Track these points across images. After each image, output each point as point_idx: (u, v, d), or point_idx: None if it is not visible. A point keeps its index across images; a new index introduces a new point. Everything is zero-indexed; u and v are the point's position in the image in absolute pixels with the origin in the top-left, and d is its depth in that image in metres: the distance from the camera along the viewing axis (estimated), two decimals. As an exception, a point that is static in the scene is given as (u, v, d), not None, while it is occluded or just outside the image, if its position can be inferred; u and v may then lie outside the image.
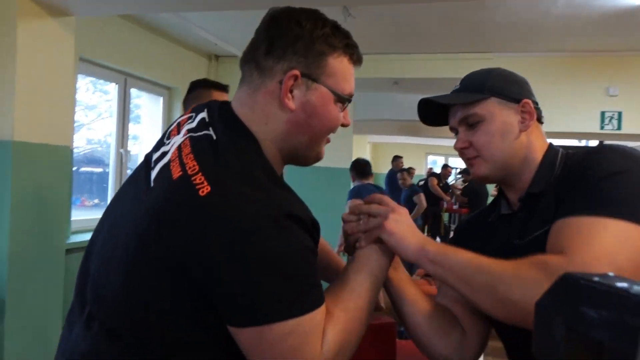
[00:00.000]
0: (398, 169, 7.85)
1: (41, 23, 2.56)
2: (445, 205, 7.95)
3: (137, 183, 0.85)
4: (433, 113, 1.06)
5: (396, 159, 8.15)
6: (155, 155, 0.86)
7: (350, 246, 0.97)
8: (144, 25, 4.08)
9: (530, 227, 0.92)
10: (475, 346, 1.00)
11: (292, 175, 5.09)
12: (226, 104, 0.89)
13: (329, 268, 1.16)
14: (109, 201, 3.56)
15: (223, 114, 0.86)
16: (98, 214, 4.35)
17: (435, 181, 7.86)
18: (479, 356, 1.02)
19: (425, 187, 7.47)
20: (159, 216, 0.74)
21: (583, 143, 6.52)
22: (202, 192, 0.71)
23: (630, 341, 0.33)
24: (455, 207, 8.02)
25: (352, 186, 4.39)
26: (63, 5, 2.58)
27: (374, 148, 13.24)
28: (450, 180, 9.47)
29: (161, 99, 4.59)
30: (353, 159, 4.62)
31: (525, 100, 0.98)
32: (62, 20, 2.68)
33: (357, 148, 11.23)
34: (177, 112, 4.67)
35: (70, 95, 2.82)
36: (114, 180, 4.09)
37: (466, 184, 7.75)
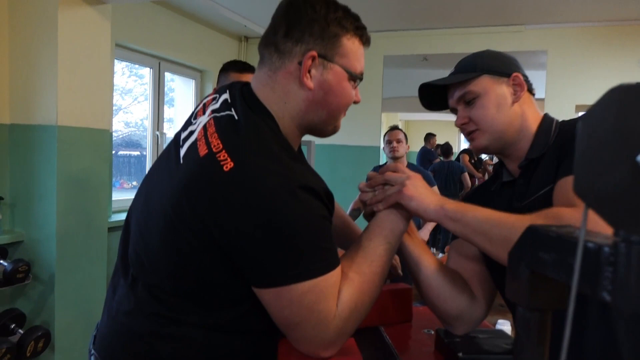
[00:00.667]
0: (431, 147, 7.81)
1: (79, 11, 2.69)
2: (477, 182, 7.89)
3: (168, 160, 0.94)
4: (434, 98, 1.13)
5: (429, 136, 8.11)
6: (184, 134, 0.95)
7: (368, 214, 1.05)
8: (175, 9, 4.19)
9: (531, 189, 0.99)
10: (483, 306, 1.07)
11: (324, 153, 5.19)
12: (247, 85, 0.97)
13: (346, 235, 1.24)
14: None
15: (244, 95, 0.93)
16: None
17: (467, 158, 7.79)
18: (485, 315, 1.09)
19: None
20: (189, 190, 0.82)
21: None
22: (226, 167, 0.79)
23: (571, 276, 0.40)
24: (487, 183, 7.94)
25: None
26: (98, -7, 2.70)
27: (405, 126, 13.14)
28: (484, 156, 9.35)
29: (193, 81, 4.71)
30: (381, 136, 4.66)
31: (515, 73, 1.06)
32: (98, 8, 2.81)
33: (387, 126, 11.21)
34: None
35: (108, 80, 2.96)
36: (151, 162, 4.26)
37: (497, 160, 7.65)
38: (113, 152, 3.79)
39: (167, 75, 4.41)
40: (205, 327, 0.87)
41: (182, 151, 0.90)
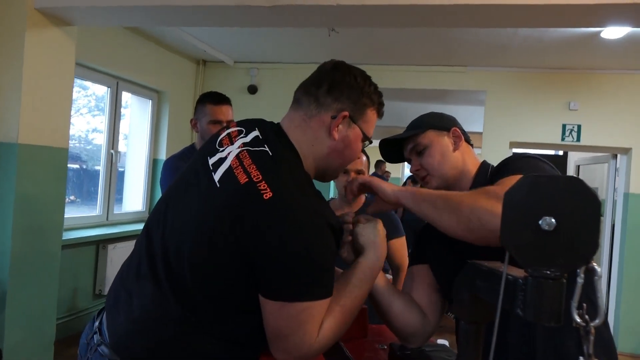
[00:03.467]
0: (381, 173, 8.19)
1: (47, 33, 2.74)
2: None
3: (198, 182, 1.07)
4: (392, 152, 1.38)
5: (379, 163, 8.55)
6: (212, 160, 1.08)
7: (348, 260, 1.21)
8: (136, 31, 4.26)
9: None
10: (433, 323, 1.27)
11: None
12: (277, 126, 1.15)
13: None
14: (91, 198, 3.69)
15: (277, 134, 1.11)
16: (77, 212, 4.44)
17: (410, 184, 8.16)
18: (434, 331, 1.28)
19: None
20: (231, 210, 0.97)
21: (546, 152, 6.90)
22: (266, 196, 0.95)
23: (497, 298, 0.58)
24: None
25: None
26: (67, 16, 2.76)
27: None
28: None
29: (150, 101, 4.76)
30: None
31: (454, 128, 1.32)
32: (65, 29, 2.86)
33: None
34: (166, 114, 4.85)
35: (68, 100, 2.98)
36: (104, 179, 4.26)
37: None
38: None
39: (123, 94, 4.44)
40: (219, 336, 1.01)
41: (217, 176, 1.04)
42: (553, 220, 0.52)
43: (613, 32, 3.57)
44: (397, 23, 2.52)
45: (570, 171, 6.69)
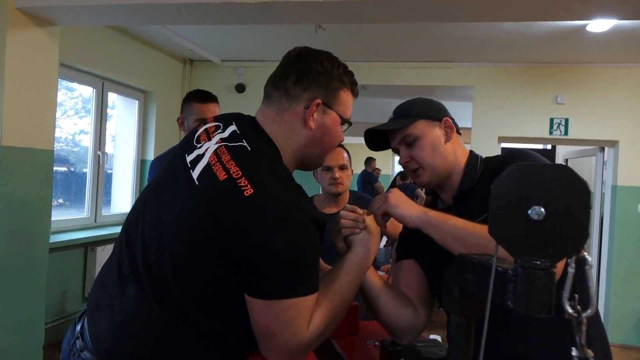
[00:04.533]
0: (372, 170, 8.16)
1: (29, 33, 2.69)
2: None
3: (176, 180, 1.04)
4: (377, 140, 1.32)
5: (369, 160, 8.48)
6: (190, 157, 1.06)
7: (341, 251, 1.19)
8: (122, 31, 4.21)
9: (465, 217, 1.17)
10: (424, 318, 1.26)
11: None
12: (253, 120, 1.12)
13: None
14: (79, 200, 3.65)
15: (254, 129, 1.08)
16: (66, 215, 4.40)
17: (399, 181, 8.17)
18: (425, 326, 1.27)
19: (393, 186, 7.77)
20: (211, 208, 0.94)
21: (534, 146, 6.95)
22: (247, 192, 0.93)
23: (486, 290, 0.57)
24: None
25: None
26: (49, 16, 2.72)
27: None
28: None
29: (137, 102, 4.72)
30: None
31: (445, 118, 1.27)
32: (47, 29, 2.81)
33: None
34: (153, 114, 4.80)
35: (53, 101, 2.94)
36: (92, 181, 4.21)
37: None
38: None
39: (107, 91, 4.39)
40: (204, 337, 0.98)
41: (195, 173, 1.02)
42: (542, 209, 0.51)
43: (598, 25, 3.59)
44: (383, 18, 2.51)
45: (559, 165, 6.72)
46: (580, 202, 0.51)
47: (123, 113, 4.74)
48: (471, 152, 1.31)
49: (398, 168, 12.97)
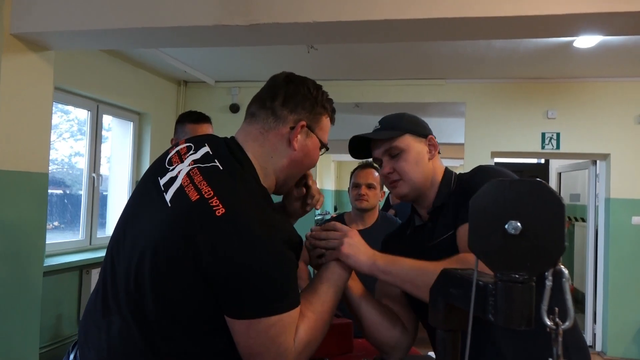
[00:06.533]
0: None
1: (23, 58, 2.72)
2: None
3: (151, 203, 1.05)
4: (360, 148, 1.36)
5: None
6: (163, 180, 1.07)
7: (313, 258, 1.22)
8: (116, 54, 4.25)
9: (437, 232, 1.22)
10: (412, 333, 1.27)
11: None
12: (230, 140, 1.14)
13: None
14: (75, 223, 3.65)
15: (230, 149, 1.09)
16: (61, 238, 4.38)
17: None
18: (414, 342, 1.28)
19: (387, 203, 7.79)
20: (183, 229, 0.95)
21: (528, 161, 7.01)
22: (219, 212, 0.93)
23: (468, 304, 0.58)
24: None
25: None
26: (43, 41, 2.75)
27: (338, 166, 13.57)
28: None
29: (131, 123, 4.74)
30: (317, 177, 4.87)
31: (430, 136, 1.32)
32: (42, 54, 2.85)
33: (322, 167, 11.53)
34: (148, 136, 4.82)
35: (47, 125, 2.96)
36: (86, 203, 4.21)
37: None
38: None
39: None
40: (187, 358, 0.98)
41: (168, 196, 1.02)
42: (519, 224, 0.52)
43: (585, 42, 3.66)
44: (373, 38, 2.56)
45: (552, 178, 6.78)
46: (555, 215, 0.52)
47: (118, 135, 4.76)
48: (446, 169, 1.35)
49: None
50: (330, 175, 12.92)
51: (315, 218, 7.63)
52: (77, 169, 4.72)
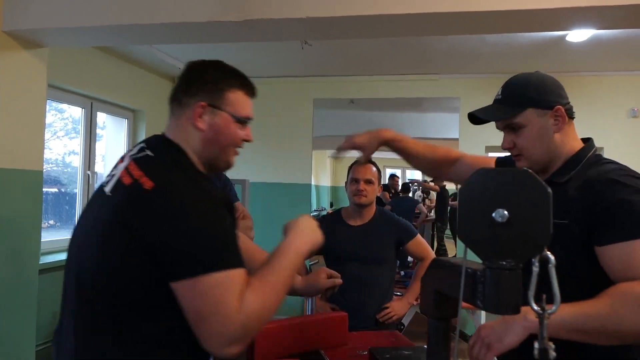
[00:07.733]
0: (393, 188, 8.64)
1: (16, 55, 2.72)
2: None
3: (96, 201, 1.14)
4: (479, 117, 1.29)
5: (393, 177, 9.19)
6: (106, 180, 1.16)
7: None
8: (110, 50, 4.24)
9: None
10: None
11: (257, 190, 5.26)
12: (161, 135, 1.21)
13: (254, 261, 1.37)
14: (70, 221, 3.67)
15: (158, 139, 1.18)
16: (57, 236, 4.37)
17: (387, 195, 8.22)
18: None
19: (379, 201, 7.82)
20: (120, 210, 1.02)
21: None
22: (147, 185, 1.01)
23: (457, 293, 0.59)
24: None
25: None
26: (36, 38, 2.74)
27: (334, 162, 13.58)
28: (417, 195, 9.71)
29: (125, 120, 4.73)
30: (313, 173, 4.88)
31: (558, 106, 1.20)
32: (35, 51, 2.84)
33: (318, 163, 11.54)
34: (142, 133, 4.82)
35: (41, 122, 2.95)
36: (81, 201, 4.20)
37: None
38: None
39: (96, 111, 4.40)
40: (144, 342, 1.01)
41: (108, 188, 1.11)
42: (506, 212, 0.53)
43: (577, 35, 3.67)
44: (367, 33, 2.56)
45: (547, 173, 6.79)
46: (541, 204, 0.54)
47: (112, 132, 4.75)
48: (585, 147, 1.23)
49: (411, 176, 12.94)
50: (326, 171, 12.94)
51: (311, 214, 7.64)
52: (72, 167, 4.71)
